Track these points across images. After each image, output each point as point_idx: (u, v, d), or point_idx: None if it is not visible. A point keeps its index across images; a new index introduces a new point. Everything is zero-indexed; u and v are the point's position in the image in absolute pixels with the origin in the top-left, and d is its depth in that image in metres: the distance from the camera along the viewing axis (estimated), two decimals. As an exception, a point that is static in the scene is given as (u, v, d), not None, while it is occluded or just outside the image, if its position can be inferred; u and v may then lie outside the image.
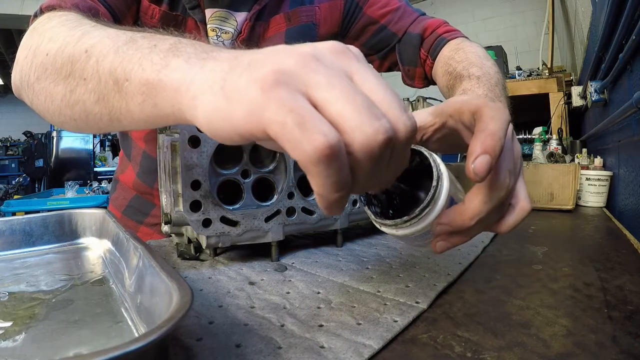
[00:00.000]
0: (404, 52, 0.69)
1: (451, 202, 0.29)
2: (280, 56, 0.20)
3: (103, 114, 0.29)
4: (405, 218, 0.28)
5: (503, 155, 0.28)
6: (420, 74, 0.69)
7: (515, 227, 0.30)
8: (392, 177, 0.23)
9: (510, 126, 0.30)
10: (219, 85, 0.21)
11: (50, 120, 0.37)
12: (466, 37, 0.64)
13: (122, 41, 0.28)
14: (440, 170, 0.28)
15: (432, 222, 0.29)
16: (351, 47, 0.22)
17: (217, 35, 0.62)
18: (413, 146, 0.30)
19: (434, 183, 0.28)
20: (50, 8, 0.43)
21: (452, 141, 0.33)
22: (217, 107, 0.20)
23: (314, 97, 0.19)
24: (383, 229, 0.31)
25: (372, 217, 0.31)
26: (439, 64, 0.62)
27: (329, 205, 0.20)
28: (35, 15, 0.44)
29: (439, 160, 0.29)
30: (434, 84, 0.68)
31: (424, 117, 0.32)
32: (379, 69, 0.75)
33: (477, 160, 0.25)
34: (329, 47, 0.21)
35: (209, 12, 0.60)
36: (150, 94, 0.24)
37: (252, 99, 0.19)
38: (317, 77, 0.19)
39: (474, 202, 0.28)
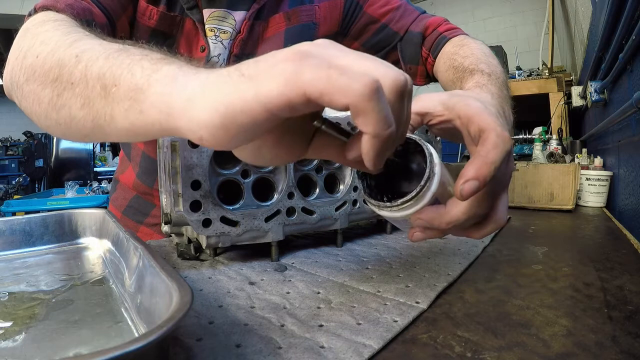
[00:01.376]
0: (406, 51, 0.69)
1: (435, 201, 0.30)
2: (286, 51, 0.21)
3: (87, 120, 0.29)
4: (388, 204, 0.30)
5: (494, 179, 0.29)
6: (422, 72, 0.69)
7: (486, 236, 0.32)
8: (407, 124, 0.25)
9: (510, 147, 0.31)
10: (236, 74, 0.21)
11: (37, 123, 0.37)
12: (467, 35, 0.64)
13: (114, 49, 0.28)
14: (433, 171, 0.29)
15: (411, 215, 0.30)
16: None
17: (215, 36, 0.61)
18: (417, 140, 0.31)
19: (422, 183, 0.29)
20: (45, 8, 0.44)
21: (452, 134, 0.34)
22: (239, 89, 0.20)
23: (336, 65, 0.21)
24: (368, 204, 0.32)
25: (362, 191, 0.32)
26: (441, 61, 0.62)
27: (381, 148, 0.22)
28: (30, 15, 0.44)
29: (436, 160, 0.29)
30: (435, 81, 0.68)
31: (434, 105, 0.33)
32: None
33: (466, 184, 0.27)
34: (319, 41, 0.23)
35: (207, 12, 0.60)
36: (138, 100, 0.24)
37: (285, 70, 0.20)
38: (331, 51, 0.22)
39: (454, 210, 0.29)
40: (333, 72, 0.19)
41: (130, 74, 0.25)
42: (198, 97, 0.21)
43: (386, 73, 0.21)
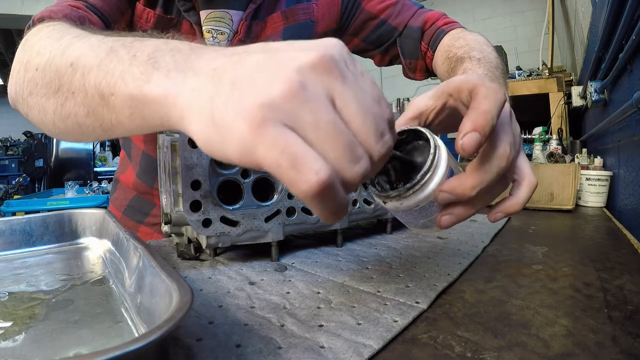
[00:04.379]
0: (405, 46, 0.69)
1: (451, 173, 0.30)
2: (264, 79, 0.19)
3: (95, 126, 0.29)
4: (407, 186, 0.28)
5: (502, 128, 0.29)
6: (421, 67, 0.70)
7: (526, 202, 0.31)
8: (382, 162, 0.24)
9: (508, 107, 0.31)
10: (208, 112, 0.20)
11: (46, 132, 0.37)
12: (465, 28, 0.65)
13: (104, 52, 0.27)
14: (437, 143, 0.29)
15: (434, 191, 0.29)
16: (337, 53, 0.21)
17: (212, 37, 0.61)
18: (412, 127, 0.31)
19: (432, 150, 0.28)
20: (41, 20, 0.44)
21: (454, 120, 0.33)
22: (210, 136, 0.20)
23: (301, 135, 0.19)
24: (388, 204, 0.31)
25: (376, 193, 0.31)
26: (439, 54, 0.63)
27: (328, 220, 0.21)
28: (29, 27, 0.44)
29: (437, 137, 0.30)
30: (435, 75, 0.68)
31: (424, 102, 0.32)
32: (380, 63, 0.76)
33: (465, 137, 0.26)
34: (313, 66, 0.20)
35: (204, 14, 0.60)
36: (138, 107, 0.24)
37: (243, 137, 0.19)
38: (303, 114, 0.19)
39: (475, 171, 0.28)
40: (284, 161, 0.18)
41: (124, 84, 0.25)
42: (187, 119, 0.21)
43: (342, 168, 0.20)
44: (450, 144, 0.29)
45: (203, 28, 0.60)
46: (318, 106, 0.20)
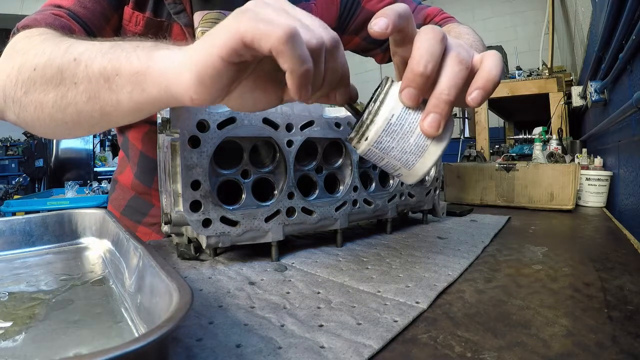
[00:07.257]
0: None
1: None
2: (236, 10, 0.26)
3: (94, 111, 0.32)
4: (373, 97, 0.32)
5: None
6: None
7: (495, 72, 0.30)
8: (334, 79, 0.30)
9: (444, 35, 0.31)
10: (202, 40, 0.26)
11: (39, 128, 0.38)
12: (459, 23, 0.67)
13: (107, 46, 0.32)
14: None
15: (398, 95, 0.31)
16: None
17: None
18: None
19: (387, 79, 0.32)
20: (25, 27, 0.45)
21: None
22: (203, 50, 0.26)
23: (266, 18, 0.25)
24: (371, 133, 0.32)
25: (356, 129, 0.33)
26: None
27: (298, 79, 0.25)
28: (13, 34, 0.45)
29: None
30: None
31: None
32: (382, 61, 0.76)
33: (372, 22, 0.30)
34: None
35: (199, 15, 0.60)
36: (139, 81, 0.29)
37: (229, 26, 0.25)
38: (267, 10, 0.26)
39: (414, 49, 0.30)
40: (260, 22, 0.24)
41: (129, 63, 0.29)
42: (183, 67, 0.27)
43: (306, 29, 0.25)
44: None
45: (199, 30, 0.60)
46: (283, 5, 0.27)
